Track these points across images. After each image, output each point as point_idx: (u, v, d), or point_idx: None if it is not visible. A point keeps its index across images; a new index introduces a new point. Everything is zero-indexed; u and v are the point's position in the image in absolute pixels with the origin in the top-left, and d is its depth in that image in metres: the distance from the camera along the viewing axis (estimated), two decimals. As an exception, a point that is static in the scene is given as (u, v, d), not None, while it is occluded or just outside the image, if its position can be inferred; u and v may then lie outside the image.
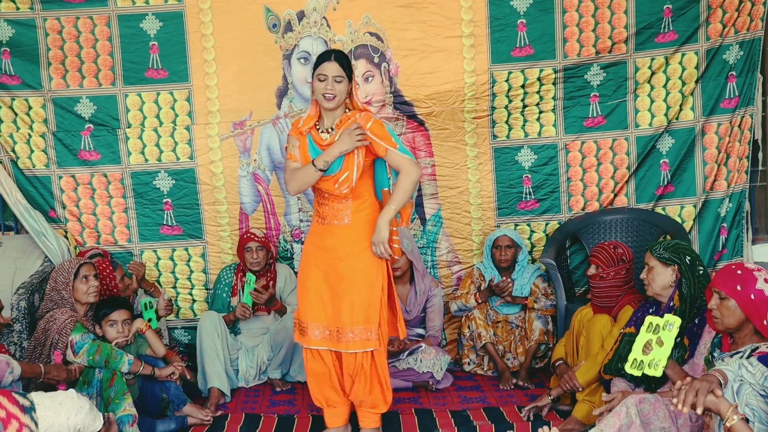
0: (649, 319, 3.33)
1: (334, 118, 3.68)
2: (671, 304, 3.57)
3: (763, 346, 2.93)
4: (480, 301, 4.89)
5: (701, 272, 3.57)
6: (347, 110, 3.71)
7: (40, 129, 5.06)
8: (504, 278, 4.86)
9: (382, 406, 3.86)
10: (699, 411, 2.56)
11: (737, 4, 4.95)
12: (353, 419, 3.98)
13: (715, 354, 3.18)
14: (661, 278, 3.60)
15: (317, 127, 3.71)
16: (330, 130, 3.67)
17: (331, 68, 3.58)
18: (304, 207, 5.15)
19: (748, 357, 2.91)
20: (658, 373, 3.23)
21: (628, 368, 3.31)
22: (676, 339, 3.26)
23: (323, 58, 3.62)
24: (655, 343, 3.24)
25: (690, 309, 3.48)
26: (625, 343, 3.55)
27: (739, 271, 3.03)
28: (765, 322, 2.93)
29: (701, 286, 3.49)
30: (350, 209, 3.71)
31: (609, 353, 3.68)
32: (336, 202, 3.72)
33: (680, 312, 3.49)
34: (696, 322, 3.46)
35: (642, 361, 3.28)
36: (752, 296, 2.95)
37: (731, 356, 3.00)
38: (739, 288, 2.99)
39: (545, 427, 3.43)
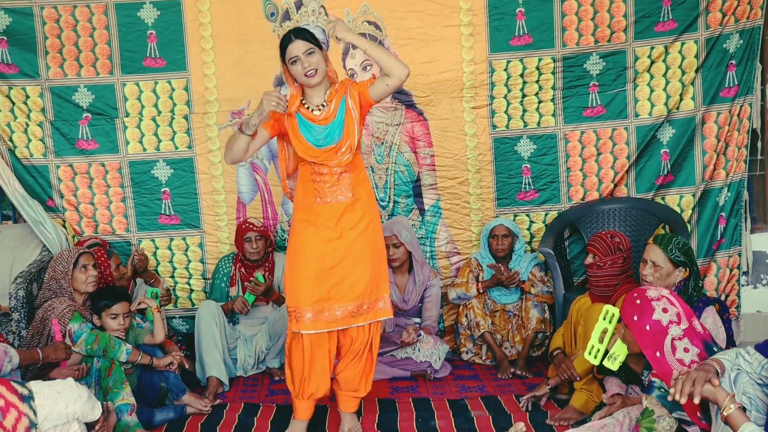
0: (606, 307, 3.34)
1: (323, 93, 3.62)
2: None
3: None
4: (482, 291, 4.89)
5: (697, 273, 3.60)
6: (332, 84, 3.66)
7: (38, 118, 5.05)
8: (512, 270, 4.87)
9: (364, 390, 3.83)
10: (696, 401, 2.56)
11: (737, -8, 4.95)
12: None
13: (644, 375, 3.19)
14: (670, 279, 3.54)
15: (305, 105, 3.63)
16: (322, 106, 3.61)
17: (298, 47, 3.49)
18: (303, 196, 5.14)
19: (647, 385, 2.97)
20: (615, 367, 3.24)
21: (586, 355, 3.33)
22: None
23: (285, 42, 3.53)
24: (619, 339, 3.25)
25: None
26: None
27: (638, 301, 3.01)
28: (658, 354, 2.89)
29: (699, 291, 3.50)
30: (350, 183, 3.66)
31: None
32: (333, 176, 3.62)
33: None
34: None
35: (599, 349, 3.30)
36: (647, 327, 2.92)
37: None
38: (635, 318, 2.97)
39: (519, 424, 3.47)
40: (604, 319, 3.32)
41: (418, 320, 4.94)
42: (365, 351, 3.76)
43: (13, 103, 5.02)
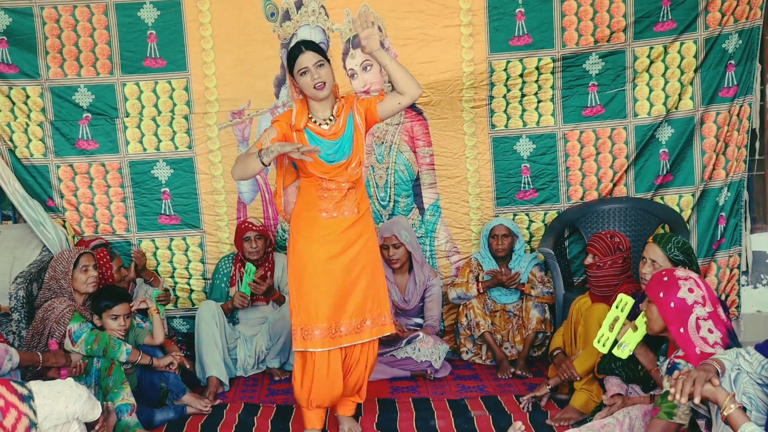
0: (620, 296, 3.36)
1: (330, 107, 3.59)
2: None
3: (680, 351, 2.98)
4: (482, 291, 4.89)
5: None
6: (336, 99, 3.64)
7: (38, 118, 5.05)
8: (511, 271, 4.87)
9: (360, 398, 3.87)
10: (696, 400, 2.57)
11: (736, -8, 4.94)
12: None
13: (660, 361, 3.21)
14: None
15: (312, 119, 3.60)
16: (329, 120, 3.58)
17: (308, 58, 3.45)
18: (303, 196, 5.14)
19: (668, 367, 2.99)
20: (624, 356, 3.29)
21: (595, 343, 3.36)
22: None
23: (295, 54, 3.49)
24: (630, 328, 3.28)
25: None
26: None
27: (666, 278, 3.07)
28: (681, 330, 2.93)
29: None
30: (356, 198, 3.65)
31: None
32: (338, 192, 3.60)
33: None
34: None
35: (609, 338, 3.32)
36: (672, 304, 2.99)
37: (661, 363, 3.06)
38: (661, 295, 3.03)
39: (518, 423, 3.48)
40: (617, 307, 3.34)
41: (419, 320, 4.95)
42: (361, 362, 3.77)
43: (14, 103, 5.02)
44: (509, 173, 5.20)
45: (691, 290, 2.99)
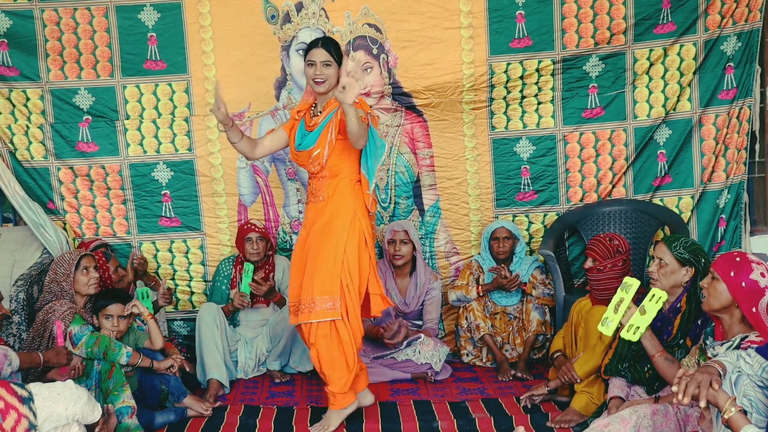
0: (625, 279, 3.40)
1: (324, 102, 3.84)
2: (678, 305, 3.54)
3: (752, 335, 2.95)
4: (482, 294, 4.89)
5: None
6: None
7: (38, 120, 5.05)
8: (512, 272, 4.87)
9: (337, 385, 3.82)
10: (702, 404, 2.55)
11: (736, -6, 4.95)
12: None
13: (708, 342, 3.20)
14: (676, 277, 3.52)
15: (312, 111, 3.90)
16: (319, 113, 3.84)
17: (319, 54, 3.76)
18: (303, 198, 5.15)
19: (737, 346, 2.94)
20: (635, 338, 3.31)
21: (599, 327, 3.37)
22: (659, 313, 3.37)
23: (312, 45, 3.82)
24: (637, 312, 3.31)
25: (696, 313, 3.47)
26: (624, 342, 3.54)
27: (738, 259, 3.05)
28: (754, 310, 2.94)
29: None
30: (328, 187, 3.84)
31: (609, 352, 3.67)
32: (315, 179, 3.88)
33: (685, 315, 3.48)
34: (699, 323, 3.45)
35: (613, 320, 3.33)
36: (743, 284, 2.97)
37: (721, 345, 3.03)
38: (732, 274, 3.01)
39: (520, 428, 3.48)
40: (622, 290, 3.35)
41: (419, 323, 4.95)
42: (332, 343, 3.79)
43: (14, 106, 5.02)
44: (509, 175, 5.21)
45: (763, 275, 2.98)
